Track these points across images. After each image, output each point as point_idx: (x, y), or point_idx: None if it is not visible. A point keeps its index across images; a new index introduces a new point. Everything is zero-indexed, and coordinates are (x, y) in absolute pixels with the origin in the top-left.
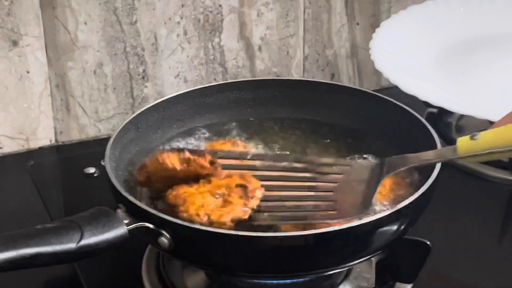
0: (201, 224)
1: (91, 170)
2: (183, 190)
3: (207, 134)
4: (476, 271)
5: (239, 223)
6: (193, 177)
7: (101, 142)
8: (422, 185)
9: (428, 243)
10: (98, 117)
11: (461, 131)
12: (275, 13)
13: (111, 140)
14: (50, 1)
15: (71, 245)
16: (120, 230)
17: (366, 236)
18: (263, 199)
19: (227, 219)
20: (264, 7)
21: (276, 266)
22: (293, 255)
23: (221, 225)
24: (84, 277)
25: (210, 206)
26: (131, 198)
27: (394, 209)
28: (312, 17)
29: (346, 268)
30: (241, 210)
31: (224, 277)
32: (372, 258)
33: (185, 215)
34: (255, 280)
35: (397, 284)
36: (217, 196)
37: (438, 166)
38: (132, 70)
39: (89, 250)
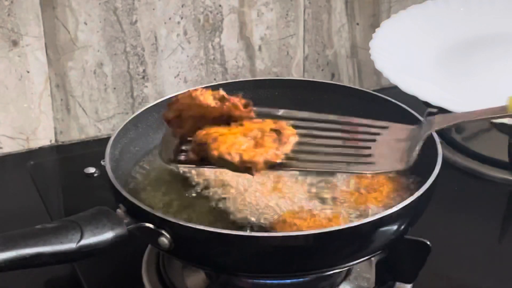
0: (233, 163)
1: (91, 170)
2: (214, 130)
3: None
4: (476, 271)
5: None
6: (225, 119)
7: (101, 142)
8: (422, 185)
9: (428, 243)
10: (98, 117)
11: (461, 131)
12: (275, 13)
13: (111, 140)
14: (50, 1)
15: (71, 245)
16: (120, 230)
17: (366, 236)
18: (296, 146)
19: (260, 159)
20: (264, 7)
21: (276, 266)
22: (293, 255)
23: (254, 165)
24: (84, 277)
25: (243, 146)
26: (131, 198)
27: (394, 209)
28: (312, 17)
29: (346, 268)
30: (274, 153)
31: (224, 277)
32: (372, 258)
33: (215, 153)
34: (255, 280)
35: (397, 284)
36: (249, 138)
37: (438, 166)
38: (132, 70)
39: (89, 250)
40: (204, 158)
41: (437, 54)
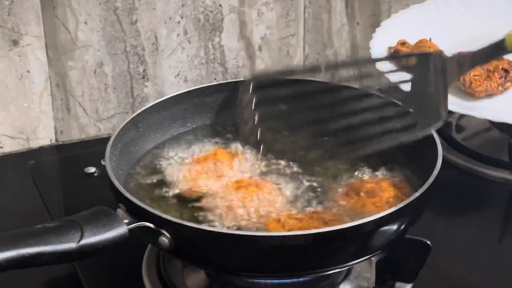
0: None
1: (92, 169)
2: None
3: (206, 134)
4: (476, 270)
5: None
6: None
7: (101, 142)
8: (422, 184)
9: (429, 242)
10: (99, 116)
11: (461, 130)
12: (275, 13)
13: (111, 139)
14: (50, 0)
15: (72, 245)
16: (121, 230)
17: (366, 236)
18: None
19: (481, 88)
20: (264, 7)
21: (276, 266)
22: (293, 255)
23: (473, 91)
24: (84, 277)
25: (474, 74)
26: (131, 198)
27: (394, 209)
28: (312, 16)
29: (346, 268)
30: (496, 87)
31: (224, 277)
32: (372, 258)
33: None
34: (255, 280)
35: (397, 283)
36: (483, 69)
37: (438, 166)
38: (132, 69)
39: (90, 249)
40: None
41: None
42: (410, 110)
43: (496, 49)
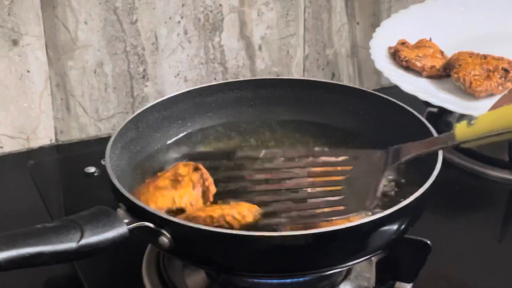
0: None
1: (92, 169)
2: (463, 57)
3: (206, 133)
4: (476, 270)
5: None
6: None
7: (101, 142)
8: (422, 184)
9: (429, 242)
10: (99, 116)
11: None
12: (275, 13)
13: (112, 139)
14: (50, 0)
15: (72, 245)
16: (121, 230)
17: (367, 236)
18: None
19: (481, 88)
20: (264, 7)
21: (276, 266)
22: (293, 255)
23: (473, 91)
24: (84, 277)
25: (474, 74)
26: (131, 198)
27: (394, 209)
28: (312, 16)
29: (346, 268)
30: (496, 86)
31: (224, 277)
32: (373, 258)
33: (455, 75)
34: (255, 280)
35: (397, 283)
36: (483, 69)
37: (438, 166)
38: (132, 69)
39: (90, 249)
40: None
41: None
42: (340, 196)
43: (443, 140)
